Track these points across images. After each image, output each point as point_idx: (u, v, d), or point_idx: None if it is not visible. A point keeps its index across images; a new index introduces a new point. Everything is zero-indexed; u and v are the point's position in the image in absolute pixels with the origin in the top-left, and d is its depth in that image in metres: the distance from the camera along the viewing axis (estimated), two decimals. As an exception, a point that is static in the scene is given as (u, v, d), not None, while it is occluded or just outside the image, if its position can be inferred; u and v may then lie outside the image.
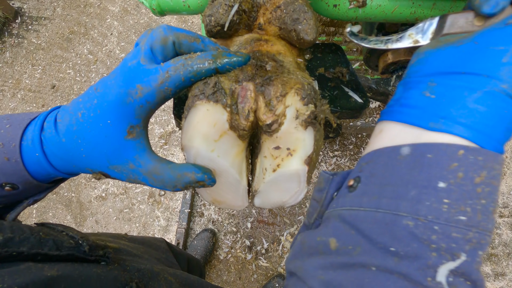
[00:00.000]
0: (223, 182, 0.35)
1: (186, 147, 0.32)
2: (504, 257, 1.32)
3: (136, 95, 0.28)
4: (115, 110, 0.28)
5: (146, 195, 1.48)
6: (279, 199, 0.37)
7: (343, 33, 1.01)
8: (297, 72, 0.35)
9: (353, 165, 1.48)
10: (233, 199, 0.37)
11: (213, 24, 0.37)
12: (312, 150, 0.32)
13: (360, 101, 0.50)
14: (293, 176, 0.34)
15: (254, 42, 0.38)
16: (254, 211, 1.42)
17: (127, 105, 0.28)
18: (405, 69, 0.69)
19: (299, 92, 0.31)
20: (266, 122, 0.32)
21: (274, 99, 0.32)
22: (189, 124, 0.31)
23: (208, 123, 0.31)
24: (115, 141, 0.29)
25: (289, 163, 0.33)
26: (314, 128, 0.31)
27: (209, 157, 0.32)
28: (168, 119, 1.63)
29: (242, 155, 0.35)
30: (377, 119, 1.19)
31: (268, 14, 0.39)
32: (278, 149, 0.33)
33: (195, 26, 1.86)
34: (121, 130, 0.29)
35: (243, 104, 0.32)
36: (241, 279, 1.32)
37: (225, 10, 0.36)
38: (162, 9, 0.50)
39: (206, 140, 0.31)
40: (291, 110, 0.31)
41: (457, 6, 0.45)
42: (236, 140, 0.33)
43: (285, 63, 0.36)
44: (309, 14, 0.37)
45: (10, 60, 1.86)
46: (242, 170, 0.35)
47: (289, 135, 0.32)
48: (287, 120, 0.31)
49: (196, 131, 0.31)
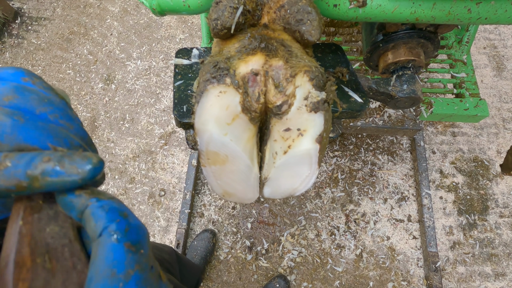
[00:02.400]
0: (234, 170, 0.35)
1: (199, 131, 0.32)
2: (504, 257, 1.32)
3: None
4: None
5: (146, 195, 1.48)
6: (290, 186, 0.37)
7: (343, 33, 1.01)
8: (305, 57, 0.35)
9: (353, 165, 1.48)
10: (244, 190, 0.37)
11: (220, 28, 0.37)
12: (323, 129, 0.32)
13: (360, 101, 0.50)
14: (304, 157, 0.33)
15: (262, 30, 0.38)
16: (254, 211, 1.42)
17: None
18: (405, 69, 0.69)
19: (308, 74, 0.31)
20: (276, 103, 0.32)
21: (284, 80, 0.32)
22: (202, 108, 0.31)
23: (220, 106, 0.31)
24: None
25: (301, 143, 0.33)
26: (323, 108, 0.32)
27: (222, 141, 0.32)
28: (168, 119, 1.63)
29: (253, 140, 0.35)
30: (377, 119, 1.19)
31: (272, 14, 0.39)
32: (289, 130, 0.33)
33: (195, 26, 1.86)
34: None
35: (253, 87, 0.32)
36: (241, 279, 1.32)
37: (230, 12, 0.36)
38: (162, 9, 0.50)
39: (219, 123, 0.32)
40: (301, 90, 0.32)
41: (457, 6, 0.45)
42: (248, 124, 0.33)
43: (293, 48, 0.36)
44: (313, 15, 0.37)
45: (10, 61, 1.86)
46: (254, 157, 0.35)
47: (299, 115, 0.32)
48: (297, 100, 0.32)
49: (209, 115, 0.31)
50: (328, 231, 1.38)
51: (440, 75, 1.56)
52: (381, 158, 1.49)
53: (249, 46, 0.35)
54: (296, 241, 1.37)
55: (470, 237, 1.36)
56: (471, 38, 1.07)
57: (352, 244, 1.35)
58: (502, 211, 1.39)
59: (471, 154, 1.50)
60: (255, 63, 0.33)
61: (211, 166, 0.35)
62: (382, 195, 1.43)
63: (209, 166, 0.35)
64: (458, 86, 1.06)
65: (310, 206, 1.42)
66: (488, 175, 1.46)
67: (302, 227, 1.39)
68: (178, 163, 1.53)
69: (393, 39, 0.64)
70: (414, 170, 1.44)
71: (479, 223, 1.38)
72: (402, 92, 0.67)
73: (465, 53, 1.09)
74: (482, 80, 1.65)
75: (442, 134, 1.54)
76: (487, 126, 1.55)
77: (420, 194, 1.36)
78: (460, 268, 1.31)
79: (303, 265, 1.33)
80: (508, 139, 1.51)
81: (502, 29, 1.77)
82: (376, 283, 1.29)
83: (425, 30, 0.62)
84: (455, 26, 0.70)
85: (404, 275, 1.30)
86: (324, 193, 1.44)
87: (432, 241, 1.28)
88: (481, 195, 1.42)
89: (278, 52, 0.34)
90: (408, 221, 1.38)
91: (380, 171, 1.47)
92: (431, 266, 1.25)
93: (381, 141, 1.53)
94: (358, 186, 1.45)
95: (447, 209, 1.40)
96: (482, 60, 1.70)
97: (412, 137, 1.48)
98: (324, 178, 1.47)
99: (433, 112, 0.97)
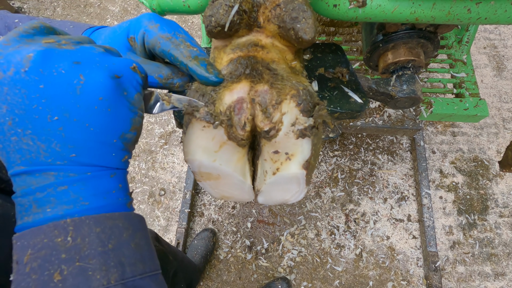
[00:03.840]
0: (229, 183, 0.36)
1: (189, 160, 0.33)
2: (504, 257, 1.32)
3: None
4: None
5: (146, 195, 1.48)
6: (281, 197, 0.38)
7: (343, 33, 1.01)
8: (291, 77, 0.35)
9: (353, 165, 1.48)
10: (240, 194, 0.38)
11: (214, 24, 0.37)
12: (310, 155, 0.32)
13: (360, 101, 0.50)
14: (292, 179, 0.34)
15: (251, 47, 0.38)
16: (254, 211, 1.42)
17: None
18: (405, 69, 0.69)
19: (294, 99, 0.31)
20: (264, 129, 0.33)
21: (270, 106, 0.32)
22: (189, 139, 0.32)
23: (206, 138, 0.32)
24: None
25: (288, 167, 0.33)
26: (311, 133, 0.32)
27: (212, 166, 0.33)
28: (168, 119, 1.63)
29: (244, 159, 0.35)
30: (377, 119, 1.19)
31: (267, 12, 0.39)
32: (277, 153, 0.33)
33: (195, 26, 1.86)
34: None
35: (239, 115, 0.33)
36: (241, 279, 1.32)
37: (225, 10, 0.36)
38: (162, 9, 0.50)
39: (207, 152, 0.32)
40: (288, 117, 0.32)
41: (457, 6, 0.45)
42: (236, 148, 0.34)
43: (278, 70, 0.36)
44: (308, 13, 0.37)
45: (10, 60, 1.86)
46: (246, 172, 0.36)
47: (287, 140, 0.32)
48: (284, 126, 0.32)
49: (196, 146, 0.32)
50: (328, 231, 1.38)
51: (440, 75, 1.56)
52: (381, 157, 1.50)
53: (235, 72, 0.35)
54: (296, 240, 1.37)
55: (469, 236, 1.36)
56: (471, 38, 1.07)
57: (352, 244, 1.35)
58: (502, 211, 1.39)
59: (471, 154, 1.50)
60: (240, 90, 0.33)
61: (206, 181, 0.36)
62: (382, 194, 1.43)
63: (204, 181, 0.36)
64: (458, 86, 1.06)
65: (310, 206, 1.42)
66: (488, 175, 1.46)
67: (302, 227, 1.39)
68: (178, 163, 1.53)
69: (393, 39, 0.64)
70: (414, 170, 1.44)
71: (479, 223, 1.38)
72: (402, 92, 0.67)
73: (465, 53, 1.09)
74: (482, 80, 1.65)
75: (442, 134, 1.54)
76: (487, 126, 1.55)
77: (420, 193, 1.36)
78: (460, 267, 1.31)
79: (303, 264, 1.33)
80: (508, 139, 1.52)
81: (502, 29, 1.77)
82: (376, 283, 1.29)
83: (425, 30, 0.62)
84: (455, 26, 0.70)
85: (403, 275, 1.30)
86: (324, 192, 1.45)
87: (432, 240, 1.28)
88: (481, 195, 1.42)
89: (263, 76, 0.34)
90: (408, 221, 1.39)
91: (380, 171, 1.47)
92: (431, 266, 1.25)
93: (381, 141, 1.53)
94: (358, 185, 1.45)
95: (447, 209, 1.40)
96: (482, 60, 1.70)
97: (412, 137, 1.48)
98: (324, 177, 1.47)
99: (433, 112, 0.97)
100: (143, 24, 0.32)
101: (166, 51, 0.30)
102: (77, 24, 0.38)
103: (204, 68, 0.29)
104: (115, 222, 0.24)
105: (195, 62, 0.29)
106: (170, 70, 0.32)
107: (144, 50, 0.33)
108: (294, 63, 0.39)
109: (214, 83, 0.30)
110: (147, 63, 0.32)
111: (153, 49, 0.31)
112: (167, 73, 0.32)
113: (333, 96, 0.51)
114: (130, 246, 0.24)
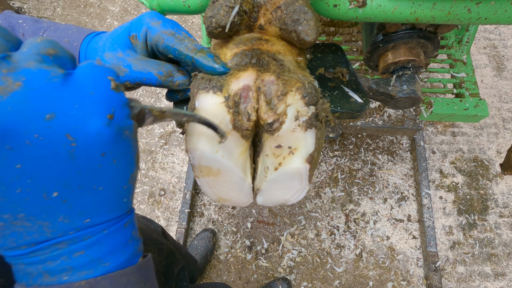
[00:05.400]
0: (228, 181, 0.35)
1: (190, 149, 0.33)
2: (504, 257, 1.32)
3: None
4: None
5: (146, 195, 1.48)
6: (281, 197, 0.37)
7: (343, 33, 1.01)
8: (297, 71, 0.35)
9: (353, 165, 1.48)
10: (238, 197, 0.38)
11: (214, 25, 0.37)
12: (314, 149, 0.32)
13: (360, 101, 0.50)
14: (294, 174, 0.34)
15: (255, 41, 0.38)
16: (254, 211, 1.42)
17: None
18: (405, 69, 0.69)
19: (300, 91, 0.31)
20: (267, 121, 0.32)
21: (275, 98, 0.32)
22: (193, 127, 0.32)
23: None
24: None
25: (291, 161, 0.33)
26: (315, 127, 0.31)
27: (214, 158, 0.33)
28: (168, 119, 1.63)
29: (246, 154, 0.35)
30: (377, 119, 1.19)
31: (268, 15, 0.39)
32: (280, 147, 0.33)
33: (195, 26, 1.86)
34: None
35: (245, 104, 0.32)
36: (241, 279, 1.32)
37: (226, 11, 0.36)
38: (162, 9, 0.50)
39: (210, 141, 0.32)
40: (292, 109, 0.31)
41: (457, 6, 0.45)
42: (240, 140, 0.33)
43: (285, 62, 0.36)
44: (309, 15, 0.37)
45: (10, 60, 1.86)
46: (246, 169, 0.36)
47: (290, 133, 0.32)
48: (288, 119, 0.31)
49: (200, 133, 0.32)
50: (328, 231, 1.38)
51: (440, 75, 1.56)
52: (381, 158, 1.50)
53: (241, 63, 0.35)
54: (296, 240, 1.37)
55: (469, 237, 1.36)
56: (471, 38, 1.07)
57: (352, 244, 1.35)
58: (502, 211, 1.39)
59: (471, 154, 1.50)
60: (247, 78, 0.33)
61: (204, 178, 0.36)
62: (382, 195, 1.43)
63: (202, 177, 0.36)
64: (458, 86, 1.06)
65: (310, 206, 1.42)
66: (488, 175, 1.46)
67: (302, 227, 1.39)
68: (178, 163, 1.53)
69: (393, 39, 0.64)
70: (414, 170, 1.44)
71: (479, 223, 1.38)
72: (402, 92, 0.67)
73: (465, 53, 1.09)
74: (482, 80, 1.65)
75: (442, 134, 1.54)
76: (487, 126, 1.55)
77: (420, 194, 1.36)
78: (460, 268, 1.31)
79: (302, 264, 1.33)
80: (508, 139, 1.52)
81: (502, 29, 1.77)
82: (376, 283, 1.29)
83: (425, 30, 0.62)
84: (455, 26, 0.70)
85: (403, 275, 1.30)
86: (324, 192, 1.45)
87: (432, 241, 1.28)
88: (481, 195, 1.42)
89: (270, 66, 0.34)
90: (408, 221, 1.39)
91: (380, 171, 1.47)
92: (431, 266, 1.25)
93: (381, 141, 1.53)
94: (358, 186, 1.45)
95: (447, 209, 1.40)
96: (482, 60, 1.70)
97: (412, 137, 1.48)
98: (324, 177, 1.47)
99: (433, 112, 0.97)
100: (145, 22, 0.32)
101: (170, 46, 0.30)
102: (81, 28, 0.38)
103: (212, 59, 0.29)
104: (129, 278, 0.23)
105: (202, 54, 0.29)
106: (171, 67, 0.32)
107: (145, 47, 0.33)
108: (300, 59, 0.39)
109: (221, 73, 0.29)
110: (146, 60, 0.32)
111: (156, 45, 0.31)
112: (167, 70, 0.32)
113: (333, 96, 0.51)
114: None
